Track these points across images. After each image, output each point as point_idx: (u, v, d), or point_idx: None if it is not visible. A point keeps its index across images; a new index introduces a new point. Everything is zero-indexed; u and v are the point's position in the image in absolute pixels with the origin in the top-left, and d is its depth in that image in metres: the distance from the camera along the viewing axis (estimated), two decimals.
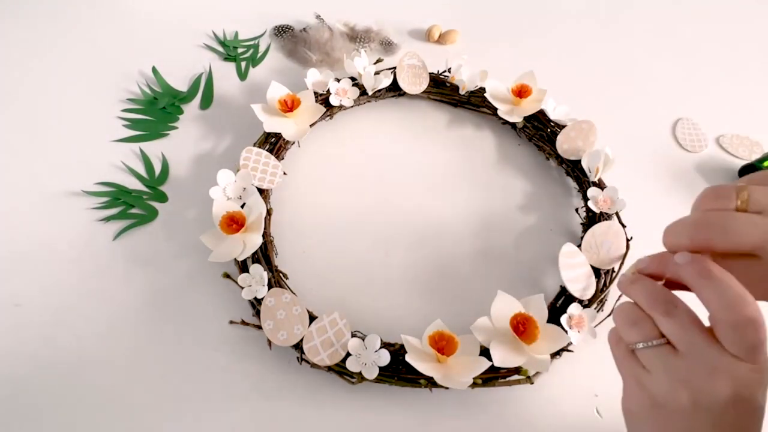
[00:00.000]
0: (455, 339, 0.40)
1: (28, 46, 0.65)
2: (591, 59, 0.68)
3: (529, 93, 0.56)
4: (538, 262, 0.51)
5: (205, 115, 0.61)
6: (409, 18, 0.72)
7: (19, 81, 0.62)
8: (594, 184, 0.53)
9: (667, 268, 0.28)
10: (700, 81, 0.68)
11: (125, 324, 0.46)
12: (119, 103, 0.61)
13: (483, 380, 0.41)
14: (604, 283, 0.48)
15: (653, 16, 0.75)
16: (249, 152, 0.52)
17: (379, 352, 0.42)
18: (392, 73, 0.59)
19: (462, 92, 0.60)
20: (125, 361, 0.44)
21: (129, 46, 0.66)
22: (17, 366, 0.44)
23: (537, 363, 0.41)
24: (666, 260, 0.28)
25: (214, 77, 0.64)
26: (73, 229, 0.51)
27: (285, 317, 0.43)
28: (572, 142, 0.55)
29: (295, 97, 0.54)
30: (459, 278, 0.50)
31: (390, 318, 0.47)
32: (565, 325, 0.44)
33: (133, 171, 0.55)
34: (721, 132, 0.62)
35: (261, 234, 0.47)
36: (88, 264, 0.49)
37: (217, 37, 0.68)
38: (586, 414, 0.44)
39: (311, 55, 0.65)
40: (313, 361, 0.42)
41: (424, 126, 0.61)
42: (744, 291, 0.25)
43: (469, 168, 0.58)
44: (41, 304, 0.47)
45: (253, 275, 0.46)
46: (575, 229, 0.54)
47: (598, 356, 0.46)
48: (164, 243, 0.51)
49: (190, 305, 0.47)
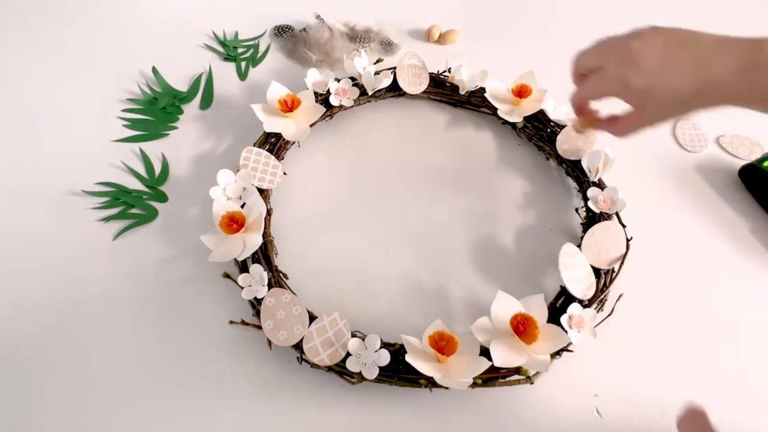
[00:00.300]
0: (455, 339, 0.40)
1: (29, 46, 0.65)
2: None
3: (529, 93, 0.56)
4: (538, 262, 0.51)
5: (205, 115, 0.61)
6: (409, 18, 0.72)
7: (20, 81, 0.62)
8: (594, 184, 0.53)
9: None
10: None
11: (125, 324, 0.46)
12: (119, 103, 0.61)
13: (483, 380, 0.41)
14: (604, 283, 0.48)
15: (653, 16, 0.75)
16: (249, 152, 0.52)
17: (379, 352, 0.42)
18: (392, 73, 0.59)
19: (462, 92, 0.60)
20: (125, 361, 0.44)
21: (129, 46, 0.66)
22: (17, 366, 0.44)
23: (537, 363, 0.41)
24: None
25: (214, 77, 0.64)
26: (73, 229, 0.51)
27: (285, 317, 0.43)
28: (572, 142, 0.55)
29: (295, 97, 0.54)
30: (459, 278, 0.50)
31: (390, 318, 0.47)
32: (565, 325, 0.44)
33: (133, 171, 0.55)
34: (721, 132, 0.61)
35: (261, 234, 0.47)
36: (88, 264, 0.49)
37: (217, 37, 0.68)
38: (586, 414, 0.44)
39: (311, 55, 0.65)
40: (313, 361, 0.42)
41: (424, 126, 0.61)
42: None
43: (469, 168, 0.58)
44: (41, 304, 0.47)
45: (253, 275, 0.46)
46: (575, 229, 0.54)
47: (598, 356, 0.46)
48: (164, 243, 0.51)
49: (190, 305, 0.47)
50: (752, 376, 0.46)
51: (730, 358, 0.47)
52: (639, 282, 0.49)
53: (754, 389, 0.45)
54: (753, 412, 0.44)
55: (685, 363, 0.46)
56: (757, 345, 0.48)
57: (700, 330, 0.48)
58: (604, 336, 0.44)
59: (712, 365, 0.46)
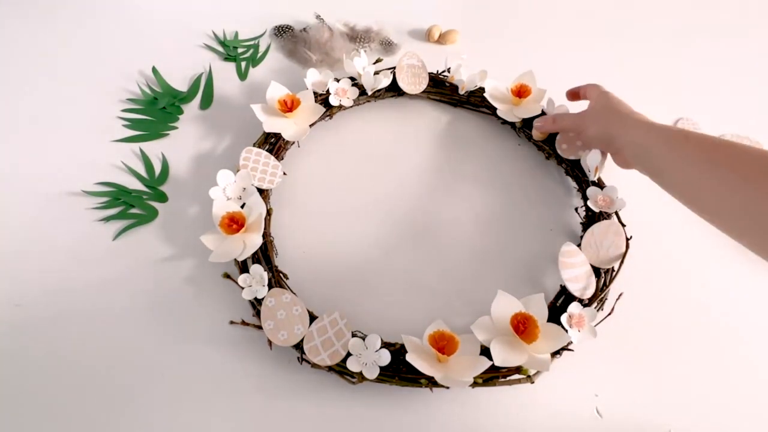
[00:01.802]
0: (456, 338, 0.40)
1: (28, 46, 0.65)
2: (591, 59, 0.69)
3: (529, 93, 0.56)
4: (538, 262, 0.51)
5: (205, 115, 0.61)
6: (409, 18, 0.72)
7: (20, 81, 0.62)
8: (593, 183, 0.53)
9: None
10: (700, 81, 0.68)
11: (125, 324, 0.46)
12: (119, 103, 0.61)
13: (483, 380, 0.41)
14: (603, 283, 0.48)
15: (653, 15, 0.76)
16: (249, 152, 0.52)
17: (379, 351, 0.42)
18: (392, 73, 0.59)
19: (461, 92, 0.60)
20: (125, 361, 0.44)
21: (129, 46, 0.66)
22: (17, 366, 0.44)
23: (537, 362, 0.41)
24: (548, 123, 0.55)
25: (214, 77, 0.64)
26: (73, 229, 0.51)
27: (285, 317, 0.43)
28: (572, 141, 0.55)
29: (295, 97, 0.55)
30: (459, 278, 0.50)
31: (390, 318, 0.47)
32: (566, 324, 0.44)
33: (133, 171, 0.55)
34: (721, 132, 0.62)
35: (261, 234, 0.47)
36: (88, 264, 0.49)
37: (217, 37, 0.68)
38: (586, 414, 0.44)
39: (311, 55, 0.65)
40: (314, 361, 0.42)
41: (424, 126, 0.61)
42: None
43: (468, 168, 0.58)
44: (41, 304, 0.47)
45: (253, 275, 0.46)
46: (575, 229, 0.54)
47: (598, 356, 0.46)
48: (164, 243, 0.51)
49: (190, 305, 0.47)
50: (752, 375, 0.46)
51: (730, 357, 0.47)
52: (639, 281, 0.49)
53: (754, 389, 0.45)
54: (753, 412, 0.44)
55: (685, 362, 0.46)
56: (757, 345, 0.48)
57: (700, 329, 0.48)
58: (604, 335, 0.44)
59: (711, 365, 0.46)
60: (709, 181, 0.37)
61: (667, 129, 0.43)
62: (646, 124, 0.45)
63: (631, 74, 0.67)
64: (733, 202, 0.36)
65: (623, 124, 0.46)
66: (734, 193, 0.36)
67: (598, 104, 0.50)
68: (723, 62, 0.70)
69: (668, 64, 0.69)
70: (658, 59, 0.70)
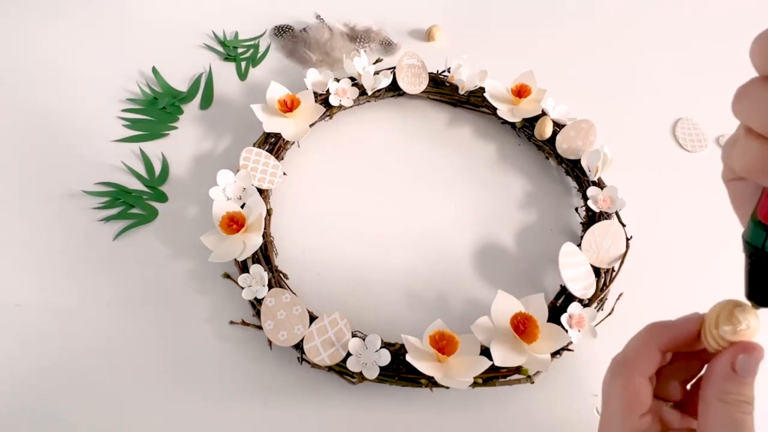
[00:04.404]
0: (456, 338, 0.40)
1: (28, 46, 0.65)
2: (590, 58, 0.68)
3: (529, 93, 0.56)
4: (538, 262, 0.51)
5: (205, 115, 0.61)
6: (409, 18, 0.72)
7: (19, 80, 0.62)
8: (594, 183, 0.53)
9: None
10: (700, 81, 0.68)
11: (125, 324, 0.46)
12: (119, 103, 0.61)
13: (483, 380, 0.41)
14: (604, 283, 0.48)
15: (653, 15, 0.76)
16: (249, 152, 0.52)
17: (379, 351, 0.42)
18: (392, 73, 0.59)
19: (461, 92, 0.60)
20: (125, 361, 0.44)
21: (129, 46, 0.66)
22: (17, 366, 0.44)
23: (537, 362, 0.41)
24: None
25: (214, 77, 0.64)
26: (73, 229, 0.51)
27: (285, 317, 0.43)
28: (572, 141, 0.55)
29: (295, 97, 0.54)
30: (459, 278, 0.50)
31: (390, 318, 0.47)
32: (566, 324, 0.44)
33: (133, 171, 0.55)
34: (721, 132, 0.62)
35: (261, 234, 0.47)
36: (88, 264, 0.49)
37: (217, 37, 0.68)
38: (586, 414, 0.44)
39: (311, 55, 0.65)
40: (314, 361, 0.42)
41: (424, 126, 0.61)
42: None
43: (468, 168, 0.58)
44: (41, 304, 0.47)
45: (253, 275, 0.46)
46: (575, 229, 0.54)
47: (598, 356, 0.46)
48: (164, 243, 0.51)
49: (190, 305, 0.47)
50: None
51: None
52: (639, 281, 0.49)
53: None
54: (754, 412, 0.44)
55: None
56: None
57: None
58: (604, 335, 0.44)
59: None
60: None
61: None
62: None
63: (631, 73, 0.67)
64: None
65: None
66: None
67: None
68: (723, 62, 0.70)
69: (668, 64, 0.69)
70: (658, 58, 0.70)
